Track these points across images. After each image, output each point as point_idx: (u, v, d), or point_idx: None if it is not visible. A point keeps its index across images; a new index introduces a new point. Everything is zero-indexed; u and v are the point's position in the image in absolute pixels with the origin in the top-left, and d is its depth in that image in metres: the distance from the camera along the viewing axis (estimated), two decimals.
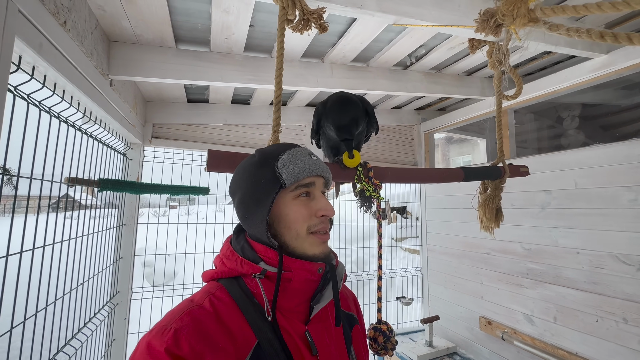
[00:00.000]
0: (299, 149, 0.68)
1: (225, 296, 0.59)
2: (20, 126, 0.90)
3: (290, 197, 0.64)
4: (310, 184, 0.65)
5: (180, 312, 0.55)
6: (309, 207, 0.64)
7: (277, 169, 0.63)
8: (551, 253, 1.95)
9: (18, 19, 0.76)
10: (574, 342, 1.80)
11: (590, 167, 1.78)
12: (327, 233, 0.66)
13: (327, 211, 0.64)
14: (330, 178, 0.70)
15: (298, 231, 0.63)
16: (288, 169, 0.63)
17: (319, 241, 0.64)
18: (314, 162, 0.66)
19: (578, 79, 1.86)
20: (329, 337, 0.62)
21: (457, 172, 1.19)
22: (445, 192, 2.79)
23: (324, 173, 0.67)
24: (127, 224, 2.00)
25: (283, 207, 0.63)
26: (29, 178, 0.95)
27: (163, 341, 0.49)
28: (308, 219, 0.63)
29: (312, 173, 0.64)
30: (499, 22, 0.91)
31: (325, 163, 0.91)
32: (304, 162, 0.64)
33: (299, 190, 0.64)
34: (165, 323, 0.52)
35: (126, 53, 1.48)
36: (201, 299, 0.58)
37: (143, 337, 0.52)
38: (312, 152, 0.70)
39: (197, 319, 0.53)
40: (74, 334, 1.36)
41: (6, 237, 0.87)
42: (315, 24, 0.95)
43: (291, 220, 0.63)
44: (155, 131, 2.22)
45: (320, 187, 0.68)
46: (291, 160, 0.64)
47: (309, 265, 0.62)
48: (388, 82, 2.04)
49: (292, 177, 0.62)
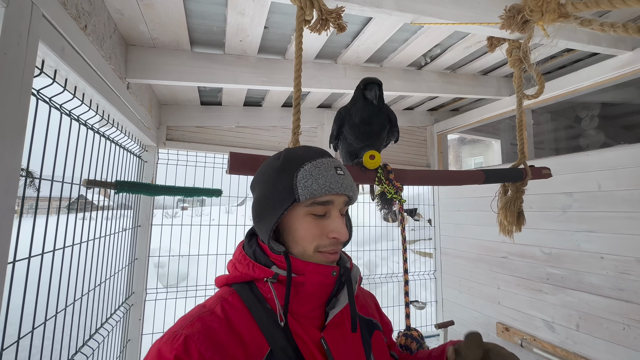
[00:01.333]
0: (325, 160, 0.62)
1: (237, 302, 0.58)
2: (42, 129, 0.91)
3: (303, 212, 0.60)
4: (328, 202, 0.60)
5: (192, 318, 0.54)
6: (321, 226, 0.60)
7: (296, 180, 0.59)
8: (573, 258, 1.88)
9: (42, 24, 0.77)
10: (598, 350, 1.73)
11: (615, 168, 1.71)
12: (337, 253, 0.62)
13: (340, 235, 0.60)
14: (355, 197, 0.65)
15: (305, 248, 0.60)
16: (307, 182, 0.58)
17: (326, 260, 0.61)
18: (338, 178, 0.61)
19: (601, 77, 1.79)
20: (345, 344, 0.59)
21: (478, 174, 1.16)
22: (460, 194, 2.73)
23: (348, 192, 0.61)
24: (142, 225, 2.02)
25: (294, 221, 0.60)
26: (50, 180, 0.96)
27: (173, 348, 0.48)
28: (318, 239, 0.60)
29: (332, 191, 0.59)
30: (526, 18, 0.88)
31: (346, 166, 0.89)
32: (325, 178, 0.59)
33: (314, 208, 0.60)
34: (176, 329, 0.52)
35: (143, 56, 1.50)
36: (213, 305, 0.57)
37: (155, 343, 0.51)
38: (341, 164, 0.65)
39: (207, 326, 0.52)
40: (92, 334, 1.37)
41: (26, 238, 0.88)
42: (333, 23, 0.93)
43: (299, 236, 0.60)
44: (169, 134, 2.24)
45: (340, 206, 0.62)
46: (312, 173, 0.59)
47: (322, 269, 0.59)
48: (402, 82, 2.02)
49: (308, 193, 0.58)
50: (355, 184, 0.66)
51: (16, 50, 0.68)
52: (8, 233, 0.67)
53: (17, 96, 0.69)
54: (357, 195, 0.67)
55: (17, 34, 0.68)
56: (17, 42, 0.68)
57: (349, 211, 0.71)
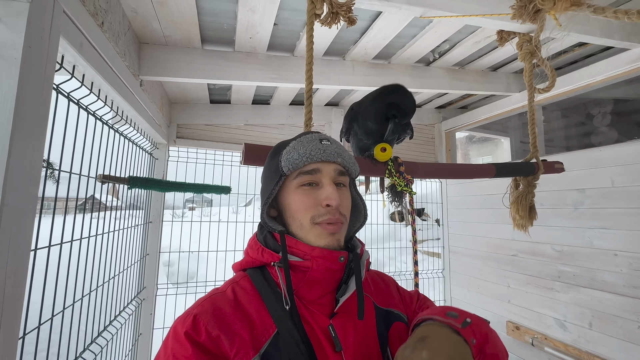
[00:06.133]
0: (310, 135, 0.64)
1: (248, 285, 0.60)
2: (60, 124, 0.94)
3: (293, 185, 0.61)
4: (315, 171, 0.60)
5: (204, 299, 0.57)
6: (313, 196, 0.60)
7: (281, 157, 0.61)
8: (585, 255, 1.85)
9: (63, 20, 0.80)
10: (611, 349, 1.70)
11: (629, 163, 1.68)
12: (335, 224, 0.59)
13: (330, 200, 0.58)
14: (348, 164, 0.64)
15: (302, 221, 0.60)
16: (289, 156, 0.60)
17: (325, 232, 0.59)
18: (321, 147, 0.60)
19: (613, 72, 1.76)
20: (356, 333, 0.58)
21: (489, 168, 1.15)
22: (469, 192, 2.71)
23: (333, 158, 0.60)
24: (153, 221, 2.06)
25: (287, 196, 0.62)
26: (68, 173, 0.99)
27: (184, 325, 0.51)
28: (312, 209, 0.59)
29: (314, 159, 0.59)
30: (538, 8, 0.87)
31: (356, 158, 0.89)
32: (306, 148, 0.60)
33: (302, 178, 0.60)
34: (190, 309, 0.55)
35: (155, 54, 1.53)
36: (225, 287, 0.60)
37: (174, 321, 0.55)
38: (329, 137, 0.65)
39: (215, 305, 0.55)
40: (106, 326, 1.40)
41: (45, 231, 0.91)
42: (344, 17, 0.94)
43: (294, 209, 0.61)
44: (180, 131, 2.28)
45: (331, 174, 0.61)
46: (295, 147, 0.61)
47: (329, 254, 0.58)
48: (410, 79, 2.01)
49: (290, 165, 0.60)
50: (348, 153, 0.65)
51: (40, 44, 0.70)
52: (32, 220, 0.70)
53: (41, 89, 0.72)
54: (356, 167, 0.67)
55: (41, 28, 0.70)
56: (40, 36, 0.70)
57: (355, 187, 0.69)
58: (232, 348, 0.50)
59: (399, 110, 0.86)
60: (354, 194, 0.69)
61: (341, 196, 0.61)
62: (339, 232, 0.61)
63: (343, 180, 0.63)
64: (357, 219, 0.71)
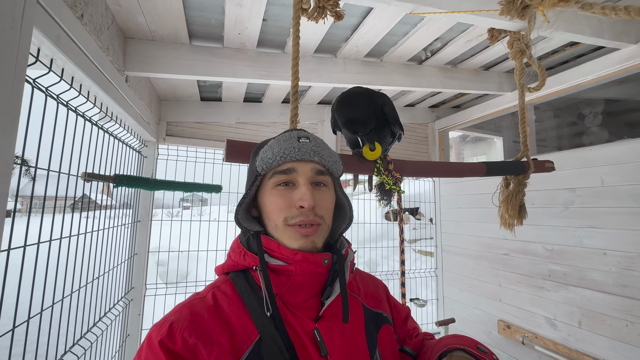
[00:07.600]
0: (289, 133, 0.62)
1: (230, 289, 0.58)
2: (37, 119, 0.91)
3: (269, 185, 0.60)
4: (289, 170, 0.58)
5: (182, 305, 0.55)
6: (287, 197, 0.58)
7: (257, 157, 0.61)
8: (575, 254, 1.86)
9: (36, 10, 0.77)
10: (601, 348, 1.71)
11: (618, 163, 1.69)
12: (310, 227, 0.57)
13: (303, 201, 0.56)
14: (328, 162, 0.61)
15: (276, 222, 0.59)
16: (264, 155, 0.59)
17: (297, 235, 0.57)
18: (297, 145, 0.58)
19: (604, 71, 1.77)
20: (343, 336, 0.56)
21: (480, 167, 1.14)
22: (461, 191, 2.71)
23: (309, 157, 0.58)
24: (142, 220, 2.02)
25: (263, 197, 0.61)
26: (46, 170, 0.95)
27: (159, 334, 0.50)
28: (285, 210, 0.57)
29: (288, 158, 0.57)
30: (526, 3, 0.86)
31: (343, 156, 0.87)
32: (281, 146, 0.58)
33: (277, 178, 0.58)
34: (167, 316, 0.54)
35: (141, 49, 1.49)
36: (205, 292, 0.58)
37: (150, 328, 0.53)
38: (310, 135, 0.62)
39: (194, 312, 0.53)
40: (90, 327, 1.37)
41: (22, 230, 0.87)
42: (330, 11, 0.92)
43: (268, 210, 0.60)
44: (169, 129, 2.24)
45: (307, 174, 0.58)
46: (272, 145, 0.60)
47: (312, 257, 0.56)
48: (402, 77, 2.00)
49: (265, 164, 0.59)
50: (328, 151, 0.62)
51: (9, 34, 0.67)
52: (1, 219, 0.67)
53: (11, 80, 0.68)
54: (338, 166, 0.64)
55: (11, 18, 0.67)
56: (10, 27, 0.67)
57: (341, 187, 0.66)
58: (210, 356, 0.48)
59: (355, 125, 0.84)
60: (339, 193, 0.66)
61: (319, 197, 0.59)
62: (315, 235, 0.59)
63: (323, 179, 0.61)
64: (343, 220, 0.68)
